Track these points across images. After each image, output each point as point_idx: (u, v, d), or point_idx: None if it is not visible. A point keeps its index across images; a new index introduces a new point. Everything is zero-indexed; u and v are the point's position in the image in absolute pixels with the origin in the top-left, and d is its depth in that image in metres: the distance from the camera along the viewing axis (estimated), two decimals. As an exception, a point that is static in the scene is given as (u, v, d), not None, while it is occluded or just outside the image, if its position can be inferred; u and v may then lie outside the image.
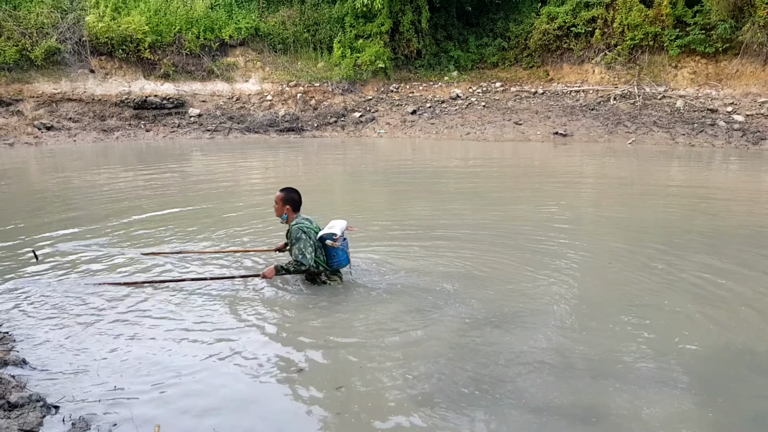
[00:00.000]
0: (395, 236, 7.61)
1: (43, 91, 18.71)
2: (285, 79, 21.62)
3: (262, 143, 18.57)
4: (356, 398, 3.90)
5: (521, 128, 19.37)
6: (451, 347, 4.53)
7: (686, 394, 3.95)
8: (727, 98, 18.55)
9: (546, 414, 3.70)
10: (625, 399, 3.86)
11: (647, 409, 3.77)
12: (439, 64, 23.06)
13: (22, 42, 18.59)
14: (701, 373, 4.20)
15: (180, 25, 20.95)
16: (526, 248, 7.09)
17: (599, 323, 4.97)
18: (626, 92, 19.90)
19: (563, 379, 4.10)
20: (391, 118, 20.76)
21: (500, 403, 3.81)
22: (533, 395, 3.90)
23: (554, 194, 10.63)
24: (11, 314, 5.06)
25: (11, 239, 7.28)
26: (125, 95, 19.70)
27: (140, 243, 7.17)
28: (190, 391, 3.95)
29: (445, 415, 3.72)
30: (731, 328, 4.89)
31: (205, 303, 5.33)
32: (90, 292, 5.57)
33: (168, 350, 4.49)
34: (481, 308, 5.23)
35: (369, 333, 4.78)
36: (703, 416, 3.72)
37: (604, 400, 3.87)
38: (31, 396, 3.74)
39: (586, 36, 21.00)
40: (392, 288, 5.74)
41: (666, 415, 3.71)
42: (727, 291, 5.72)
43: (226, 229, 7.82)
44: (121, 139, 18.53)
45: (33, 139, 17.52)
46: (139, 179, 12.03)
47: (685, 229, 8.19)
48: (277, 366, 4.28)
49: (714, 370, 4.26)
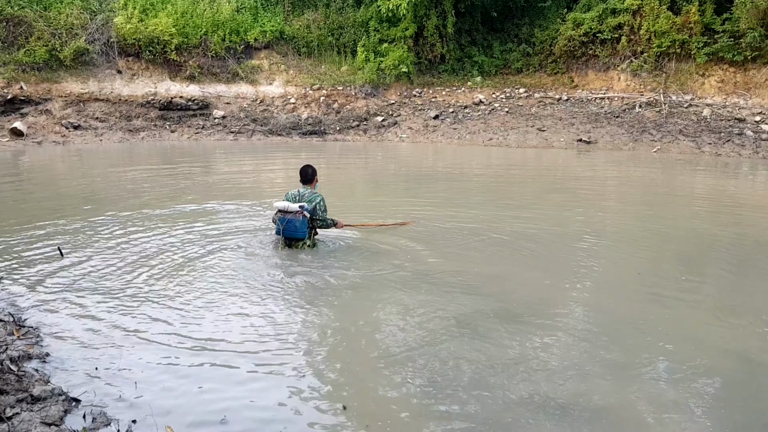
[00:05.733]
0: (416, 237, 7.61)
1: (71, 90, 18.98)
2: (308, 83, 21.70)
3: (284, 146, 18.66)
4: (357, 402, 3.90)
5: (544, 135, 19.24)
6: (460, 347, 4.52)
7: (705, 412, 3.89)
8: (755, 108, 18.24)
9: (556, 417, 3.67)
10: (639, 409, 3.81)
11: (664, 414, 3.72)
12: (463, 69, 22.99)
13: (52, 42, 18.89)
14: (719, 389, 4.13)
15: (206, 27, 21.14)
16: (547, 255, 7.05)
17: (617, 331, 4.93)
18: (652, 100, 19.66)
19: (575, 382, 4.07)
20: (413, 122, 20.74)
21: (506, 404, 3.80)
22: (541, 396, 3.87)
23: (577, 201, 10.54)
24: (36, 309, 5.13)
25: (37, 235, 7.39)
26: (151, 96, 19.91)
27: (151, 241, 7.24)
28: (207, 394, 3.97)
29: (448, 412, 3.74)
30: (754, 343, 4.80)
31: (227, 301, 5.37)
32: (117, 287, 5.63)
33: (190, 351, 4.51)
34: (497, 312, 5.24)
35: (381, 334, 4.78)
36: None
37: (615, 405, 3.83)
38: (53, 390, 3.78)
39: (612, 42, 20.78)
40: (407, 284, 5.88)
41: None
42: (751, 304, 5.63)
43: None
44: (147, 140, 18.73)
45: (60, 138, 17.78)
46: (164, 176, 12.16)
47: (710, 240, 8.09)
48: (296, 372, 4.30)
49: (735, 386, 4.18)
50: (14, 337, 4.53)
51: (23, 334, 4.62)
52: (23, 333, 4.63)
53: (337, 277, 6.12)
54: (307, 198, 6.84)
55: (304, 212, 6.69)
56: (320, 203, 6.90)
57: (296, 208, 6.65)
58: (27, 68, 18.63)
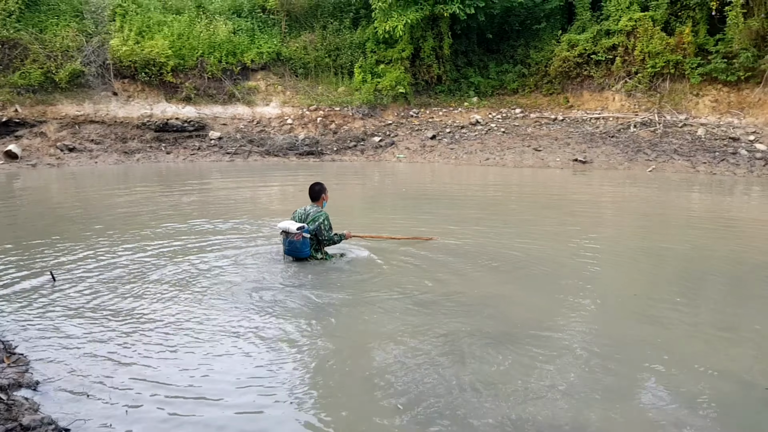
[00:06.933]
0: (412, 256, 7.56)
1: (67, 113, 18.97)
2: (305, 104, 21.75)
3: (281, 166, 18.64)
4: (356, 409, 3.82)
5: (540, 154, 19.27)
6: (458, 369, 4.44)
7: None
8: (749, 127, 18.32)
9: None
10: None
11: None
12: (459, 89, 23.11)
13: (48, 64, 18.92)
14: (717, 412, 4.04)
15: (202, 49, 21.22)
16: (543, 276, 7.00)
17: (612, 353, 4.87)
18: (647, 120, 19.75)
19: (569, 405, 4.01)
20: (410, 142, 20.77)
21: (498, 427, 3.72)
22: (534, 419, 3.80)
23: (573, 221, 10.50)
24: (27, 335, 5.03)
25: (29, 260, 7.30)
26: (147, 118, 19.90)
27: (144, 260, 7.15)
28: (199, 415, 3.89)
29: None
30: (752, 366, 4.72)
31: (223, 326, 5.28)
32: (109, 313, 5.54)
33: (180, 373, 4.44)
34: (490, 332, 5.20)
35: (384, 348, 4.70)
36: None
37: (609, 428, 3.76)
38: (43, 419, 3.68)
39: (606, 63, 20.95)
40: (398, 304, 5.87)
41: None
42: (749, 326, 5.56)
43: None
44: (142, 162, 18.68)
45: (55, 161, 17.72)
46: (159, 198, 12.09)
47: (706, 260, 8.04)
48: (295, 381, 4.21)
49: (733, 410, 4.10)
50: (4, 365, 4.43)
51: (13, 361, 4.52)
52: (13, 360, 4.53)
53: (325, 297, 6.06)
54: (311, 217, 6.94)
55: (303, 234, 6.75)
56: (324, 222, 6.98)
57: (294, 230, 6.72)
58: (22, 90, 18.64)
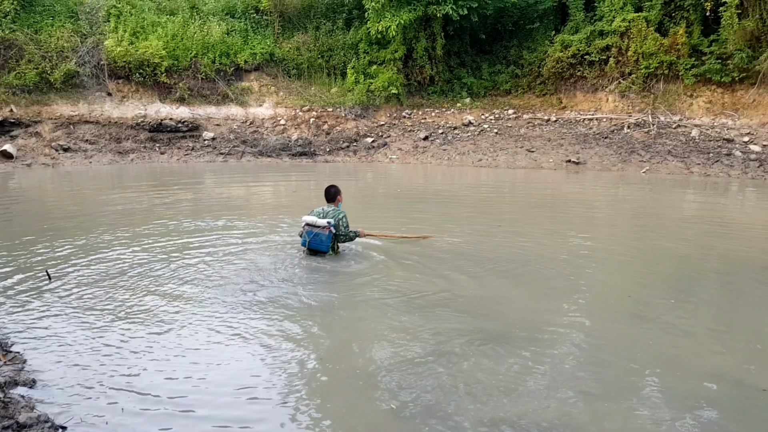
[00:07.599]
0: (406, 256, 7.58)
1: (61, 113, 18.95)
2: (298, 104, 21.77)
3: (274, 167, 18.64)
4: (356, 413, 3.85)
5: (534, 156, 19.33)
6: (451, 369, 4.47)
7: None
8: (743, 128, 18.38)
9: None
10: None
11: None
12: (452, 90, 23.15)
13: (42, 65, 18.91)
14: (711, 414, 4.05)
15: (196, 50, 21.22)
16: (536, 277, 7.03)
17: (606, 355, 4.89)
18: (640, 121, 19.81)
19: (561, 407, 4.03)
20: (403, 143, 20.80)
21: (488, 427, 3.75)
22: (525, 421, 3.83)
23: (567, 222, 10.55)
24: (23, 334, 5.03)
25: (24, 258, 7.30)
26: (141, 118, 19.90)
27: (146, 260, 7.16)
28: (195, 410, 3.92)
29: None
30: (746, 367, 4.75)
31: (213, 320, 5.31)
32: (106, 312, 5.55)
33: (177, 370, 4.47)
34: (483, 333, 5.21)
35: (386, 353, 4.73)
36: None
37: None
38: (39, 417, 3.69)
39: (600, 64, 20.97)
40: (391, 304, 5.88)
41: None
42: (742, 327, 5.61)
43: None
44: (136, 162, 18.67)
45: (50, 161, 17.70)
46: (153, 197, 12.09)
47: (700, 261, 8.08)
48: (298, 388, 4.24)
49: (728, 411, 4.12)
50: (0, 363, 4.44)
51: (10, 359, 4.53)
52: (10, 358, 4.54)
53: (319, 297, 6.08)
54: (331, 215, 7.42)
55: (330, 227, 7.24)
56: (343, 219, 7.51)
57: (324, 223, 7.24)
58: (17, 91, 18.64)
